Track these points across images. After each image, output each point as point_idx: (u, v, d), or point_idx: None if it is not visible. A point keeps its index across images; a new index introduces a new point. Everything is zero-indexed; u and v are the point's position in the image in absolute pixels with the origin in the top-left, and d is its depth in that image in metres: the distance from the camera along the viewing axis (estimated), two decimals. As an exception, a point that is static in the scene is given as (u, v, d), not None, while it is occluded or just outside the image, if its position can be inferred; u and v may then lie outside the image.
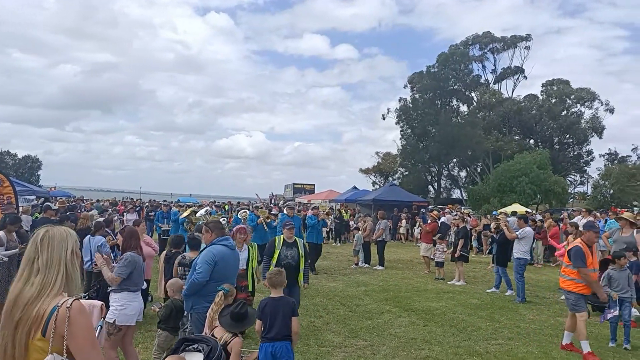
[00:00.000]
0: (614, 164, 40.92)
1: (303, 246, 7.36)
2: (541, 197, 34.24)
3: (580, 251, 6.81)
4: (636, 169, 32.53)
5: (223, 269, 5.13)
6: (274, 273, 4.85)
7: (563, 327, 8.44)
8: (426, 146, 47.49)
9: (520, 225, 11.18)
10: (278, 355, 4.38)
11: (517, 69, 50.20)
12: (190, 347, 3.46)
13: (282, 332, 4.45)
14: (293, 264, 7.03)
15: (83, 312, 2.05)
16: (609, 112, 45.97)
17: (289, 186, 55.87)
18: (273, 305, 4.58)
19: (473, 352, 6.86)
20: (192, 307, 5.15)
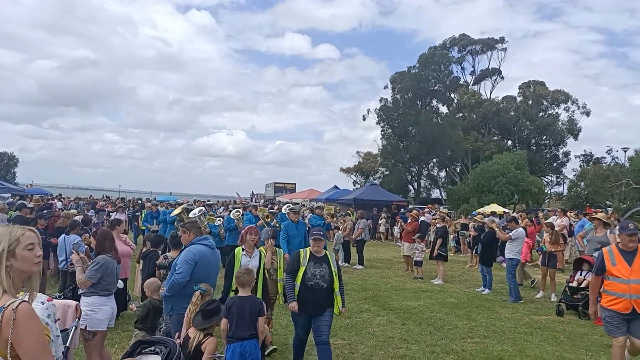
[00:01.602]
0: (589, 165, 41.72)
1: (336, 262, 5.77)
2: (518, 197, 34.75)
3: (600, 256, 5.91)
4: (610, 170, 33.21)
5: (203, 269, 5.10)
6: (242, 272, 4.84)
7: (538, 325, 8.64)
8: (406, 146, 47.85)
9: (512, 226, 11.32)
10: (247, 354, 4.37)
11: (495, 70, 50.89)
12: (147, 349, 3.38)
13: (250, 331, 4.45)
14: (324, 285, 5.46)
15: (31, 315, 1.96)
16: (585, 114, 46.96)
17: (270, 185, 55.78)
18: (240, 305, 4.56)
19: (449, 350, 6.96)
20: (171, 309, 5.11)
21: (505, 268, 10.96)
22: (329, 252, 5.86)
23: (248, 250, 6.15)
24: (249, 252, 6.15)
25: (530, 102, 47.28)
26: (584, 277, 9.68)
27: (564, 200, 36.11)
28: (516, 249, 10.99)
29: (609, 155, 43.05)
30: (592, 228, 10.67)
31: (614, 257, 5.73)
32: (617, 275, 5.64)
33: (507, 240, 11.00)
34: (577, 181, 36.22)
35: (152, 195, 50.24)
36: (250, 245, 6.19)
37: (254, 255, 6.15)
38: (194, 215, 10.08)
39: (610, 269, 5.70)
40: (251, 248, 6.18)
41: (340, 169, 57.15)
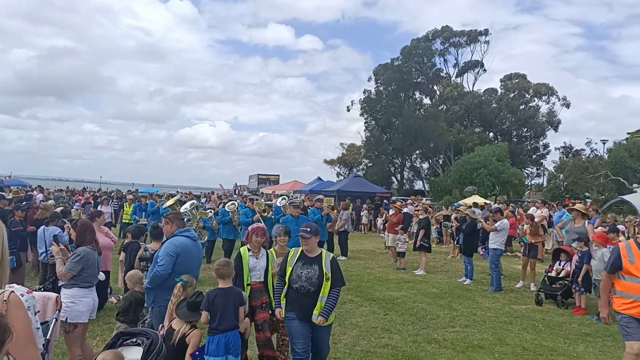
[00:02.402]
0: (568, 157, 42.38)
1: (330, 263, 4.90)
2: (499, 188, 35.21)
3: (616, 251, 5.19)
4: (589, 162, 33.77)
5: (185, 261, 5.07)
6: (221, 264, 4.80)
7: (517, 314, 8.79)
8: (390, 138, 48.07)
9: (497, 217, 11.45)
10: (230, 345, 4.38)
11: (477, 62, 51.28)
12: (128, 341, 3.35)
13: (234, 323, 4.45)
14: (310, 288, 4.76)
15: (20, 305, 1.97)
16: (564, 106, 47.65)
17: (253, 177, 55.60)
18: (223, 297, 4.54)
19: (431, 339, 7.05)
20: (153, 301, 5.09)
21: (489, 258, 11.09)
22: (326, 253, 5.06)
23: (254, 251, 5.64)
24: (255, 252, 5.64)
25: (512, 94, 47.78)
26: (562, 267, 9.86)
27: (544, 192, 36.67)
28: (500, 239, 11.13)
29: (588, 147, 43.82)
30: (570, 219, 10.85)
31: (632, 254, 4.94)
32: (635, 274, 4.88)
33: (493, 231, 11.13)
34: (556, 173, 36.78)
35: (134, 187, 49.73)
36: (255, 246, 5.67)
37: (260, 255, 5.65)
38: (185, 209, 9.66)
39: (628, 267, 4.93)
40: (257, 249, 5.67)
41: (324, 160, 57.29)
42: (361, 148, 52.41)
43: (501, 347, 6.84)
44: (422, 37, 51.43)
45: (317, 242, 5.11)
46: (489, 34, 50.72)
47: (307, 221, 10.46)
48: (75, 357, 5.01)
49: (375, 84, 50.18)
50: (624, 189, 30.04)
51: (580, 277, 9.06)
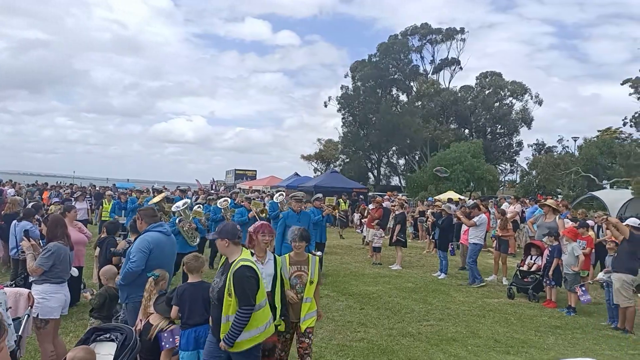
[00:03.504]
0: (540, 154, 43.21)
1: (234, 275, 3.93)
2: (474, 184, 35.75)
3: None
4: (561, 159, 34.49)
5: (159, 256, 5.04)
6: (190, 258, 4.76)
7: (490, 307, 8.98)
8: (367, 134, 48.28)
9: (475, 212, 11.61)
10: (201, 339, 4.33)
11: (454, 60, 51.82)
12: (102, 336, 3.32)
13: (204, 317, 4.40)
14: (215, 302, 4.09)
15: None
16: (537, 104, 48.53)
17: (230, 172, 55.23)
18: (192, 291, 4.50)
19: (406, 333, 7.16)
20: (127, 297, 5.04)
21: (468, 252, 11.24)
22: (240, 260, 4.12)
23: (259, 255, 4.73)
24: (259, 256, 4.72)
25: (487, 92, 48.45)
26: (533, 261, 10.09)
27: (517, 188, 37.36)
28: (480, 234, 11.30)
29: (559, 144, 44.70)
30: (542, 214, 11.10)
31: None
32: None
33: (472, 226, 11.30)
34: (529, 169, 37.48)
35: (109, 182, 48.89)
36: (262, 248, 4.78)
37: (267, 260, 4.76)
38: (177, 208, 9.19)
39: None
40: (263, 252, 4.78)
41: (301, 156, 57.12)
42: (338, 144, 52.49)
43: (474, 340, 6.99)
44: (399, 34, 51.76)
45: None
46: (466, 32, 51.35)
47: (308, 217, 9.71)
48: (47, 353, 4.94)
49: (352, 80, 50.30)
50: (594, 185, 30.81)
51: (550, 271, 9.29)
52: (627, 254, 7.86)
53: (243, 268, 3.93)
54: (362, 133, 48.82)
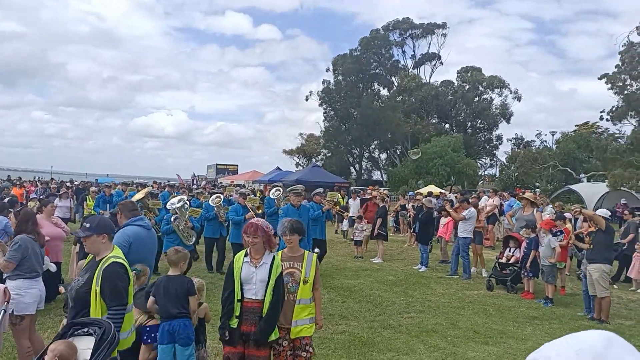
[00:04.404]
0: (519, 148, 43.82)
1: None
2: (454, 178, 36.13)
3: None
4: (539, 153, 35.06)
5: (138, 250, 4.97)
6: (171, 251, 4.73)
7: (469, 299, 9.11)
8: (348, 128, 48.36)
9: (464, 206, 11.69)
10: (176, 333, 4.29)
11: (435, 55, 52.18)
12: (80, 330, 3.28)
13: (179, 310, 4.36)
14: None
15: None
16: (516, 99, 49.15)
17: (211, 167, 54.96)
18: (168, 284, 4.46)
19: (387, 325, 7.22)
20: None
21: (460, 247, 11.30)
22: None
23: (254, 257, 4.23)
24: (254, 259, 4.23)
25: (467, 87, 48.89)
26: (512, 254, 10.25)
27: (497, 182, 37.85)
28: (469, 227, 11.38)
29: (538, 138, 45.46)
30: (520, 207, 11.28)
31: None
32: None
33: (461, 220, 11.39)
34: (508, 163, 38.00)
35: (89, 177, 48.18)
36: (257, 250, 4.24)
37: (261, 264, 4.22)
38: (172, 205, 8.74)
39: None
40: (259, 253, 4.24)
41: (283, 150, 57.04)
42: (320, 138, 52.52)
43: (454, 331, 7.09)
44: (381, 28, 51.84)
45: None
46: (447, 27, 51.68)
47: (308, 212, 9.09)
48: (23, 349, 4.87)
49: (333, 75, 50.32)
50: (571, 179, 31.41)
51: (528, 263, 9.45)
52: (604, 245, 8.04)
53: (115, 265, 3.72)
54: (343, 127, 48.89)
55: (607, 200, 24.58)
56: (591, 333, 0.99)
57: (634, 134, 28.79)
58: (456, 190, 30.13)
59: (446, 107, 49.02)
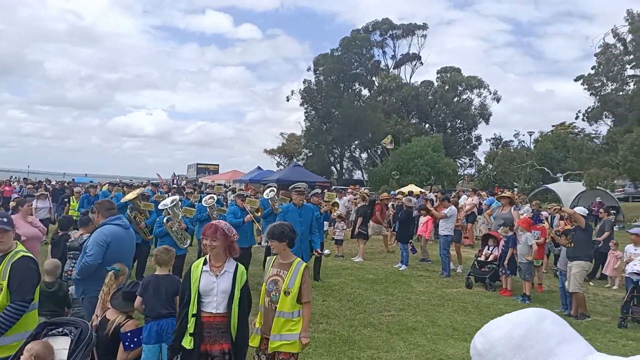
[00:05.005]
0: (498, 148, 44.39)
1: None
2: (434, 178, 36.44)
3: None
4: (517, 153, 35.53)
5: (117, 250, 4.92)
6: (160, 250, 4.69)
7: (449, 297, 9.20)
8: (329, 128, 48.46)
9: (445, 204, 11.80)
10: (164, 333, 4.26)
11: (415, 55, 52.58)
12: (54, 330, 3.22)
13: (167, 310, 4.33)
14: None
15: None
16: (495, 100, 49.82)
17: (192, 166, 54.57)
18: (157, 283, 4.43)
19: (367, 323, 7.26)
20: (83, 292, 4.92)
21: (441, 244, 11.41)
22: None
23: (214, 264, 3.79)
24: (214, 266, 3.79)
25: (447, 87, 49.37)
26: (490, 252, 10.38)
27: (476, 181, 38.29)
28: (451, 226, 11.49)
29: (516, 138, 46.13)
30: (498, 206, 11.43)
31: None
32: None
33: (443, 218, 11.48)
34: (486, 163, 38.47)
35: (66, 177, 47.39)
36: (217, 256, 3.79)
37: (222, 272, 3.77)
38: (164, 206, 8.42)
39: None
40: (221, 260, 3.80)
41: (264, 150, 56.94)
42: (301, 138, 52.53)
43: (433, 328, 7.15)
44: (361, 29, 52.05)
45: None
46: (426, 28, 52.11)
47: (312, 212, 8.50)
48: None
49: (315, 74, 50.36)
50: (549, 178, 31.91)
51: (506, 261, 9.58)
52: (584, 242, 8.18)
53: (26, 258, 3.59)
54: (324, 127, 48.98)
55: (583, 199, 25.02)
56: (528, 310, 1.14)
57: (609, 134, 29.41)
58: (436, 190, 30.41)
59: (426, 107, 49.46)
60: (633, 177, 27.79)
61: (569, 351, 1.05)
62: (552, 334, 1.07)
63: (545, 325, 1.08)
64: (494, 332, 1.11)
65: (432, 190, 30.83)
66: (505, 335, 1.08)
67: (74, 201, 14.94)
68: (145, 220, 9.20)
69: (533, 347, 1.05)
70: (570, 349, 1.06)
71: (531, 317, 1.10)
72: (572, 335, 1.09)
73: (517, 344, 1.06)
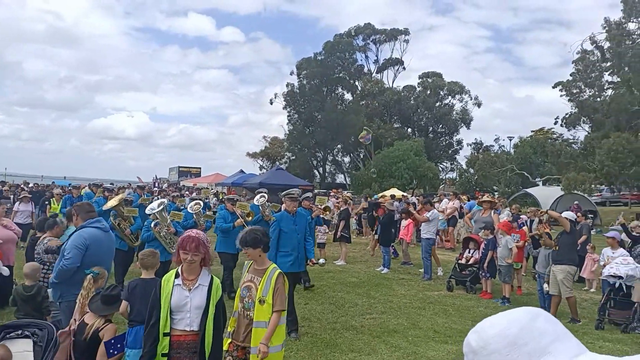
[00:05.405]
0: (479, 152, 44.87)
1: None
2: (417, 182, 36.70)
3: None
4: (497, 157, 35.96)
5: (95, 253, 4.85)
6: (145, 254, 4.64)
7: (430, 300, 9.27)
8: (312, 132, 48.50)
9: (427, 208, 11.86)
10: None
11: (397, 60, 52.92)
12: (13, 333, 3.14)
13: None
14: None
15: None
16: (476, 105, 50.39)
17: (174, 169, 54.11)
18: (144, 287, 4.37)
19: (349, 326, 7.27)
20: (61, 296, 4.84)
21: (423, 247, 11.47)
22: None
23: (186, 278, 3.55)
24: (187, 280, 3.54)
25: (429, 92, 49.78)
26: (471, 255, 10.49)
27: (457, 185, 38.64)
28: (432, 229, 11.58)
29: (496, 143, 46.64)
30: (479, 209, 11.55)
31: None
32: None
33: (425, 221, 11.55)
34: (467, 167, 38.87)
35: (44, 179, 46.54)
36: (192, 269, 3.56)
37: (196, 286, 3.54)
38: (152, 210, 8.10)
39: None
40: (194, 274, 3.56)
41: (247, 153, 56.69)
42: (284, 141, 52.47)
43: (415, 331, 7.19)
44: (344, 33, 52.27)
45: None
46: (409, 34, 52.53)
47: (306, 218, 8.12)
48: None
49: (298, 78, 50.41)
50: (528, 182, 32.39)
51: (486, 264, 9.69)
52: (568, 246, 8.19)
53: None
54: (307, 131, 49.00)
55: (561, 203, 25.46)
56: (522, 308, 1.16)
57: (587, 139, 29.98)
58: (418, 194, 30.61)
59: (408, 111, 49.77)
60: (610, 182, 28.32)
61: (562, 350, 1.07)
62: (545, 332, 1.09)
63: (539, 324, 1.10)
64: (488, 330, 1.13)
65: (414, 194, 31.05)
66: (500, 332, 1.10)
67: (54, 203, 14.59)
68: (130, 227, 8.94)
69: (527, 344, 1.07)
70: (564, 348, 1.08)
71: (525, 316, 1.12)
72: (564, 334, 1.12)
73: (511, 342, 1.08)
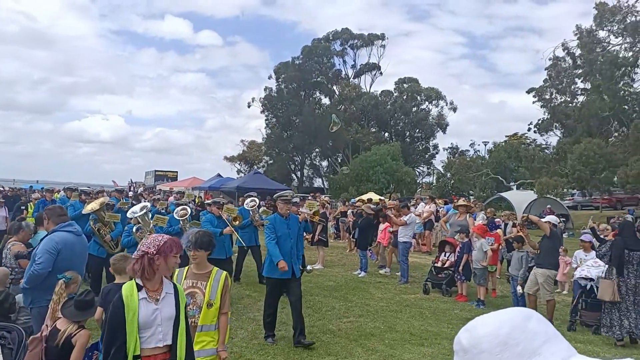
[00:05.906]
0: (455, 157, 45.44)
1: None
2: (394, 186, 36.97)
3: None
4: (473, 162, 36.49)
5: (68, 257, 4.75)
6: (117, 258, 4.57)
7: (407, 303, 9.34)
8: (290, 136, 48.53)
9: (404, 212, 11.93)
10: None
11: (374, 65, 53.31)
12: None
13: None
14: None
15: None
16: (452, 110, 51.07)
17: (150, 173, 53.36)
18: (115, 292, 4.30)
19: (326, 330, 7.28)
20: (32, 302, 4.74)
21: (400, 251, 11.54)
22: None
23: (151, 288, 3.14)
24: (151, 291, 3.13)
25: (405, 97, 50.27)
26: (447, 258, 10.61)
27: (433, 190, 39.05)
28: (409, 232, 11.64)
29: (472, 148, 47.31)
30: (454, 213, 11.69)
31: None
32: None
33: (402, 225, 11.62)
34: (444, 171, 39.34)
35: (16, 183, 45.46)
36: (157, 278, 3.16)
37: (162, 296, 3.16)
38: (133, 214, 7.84)
39: None
40: (158, 283, 3.18)
41: (224, 157, 56.37)
42: (262, 145, 52.33)
43: (391, 334, 7.24)
44: (322, 38, 52.45)
45: None
46: (386, 39, 52.99)
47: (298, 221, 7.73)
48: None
49: (276, 82, 50.40)
50: (503, 186, 32.91)
51: (461, 267, 9.81)
52: (549, 250, 8.17)
53: None
54: (285, 135, 49.00)
55: (534, 207, 25.92)
56: (514, 308, 1.18)
57: (559, 144, 30.65)
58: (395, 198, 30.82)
59: (386, 116, 50.15)
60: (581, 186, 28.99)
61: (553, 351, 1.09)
62: (537, 333, 1.10)
63: (531, 325, 1.11)
64: (480, 329, 1.13)
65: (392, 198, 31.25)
66: (492, 332, 1.10)
67: (31, 207, 13.92)
68: (111, 233, 8.66)
69: (519, 345, 1.08)
70: (554, 350, 1.09)
71: (517, 316, 1.13)
72: (555, 335, 1.13)
73: (503, 341, 1.08)
